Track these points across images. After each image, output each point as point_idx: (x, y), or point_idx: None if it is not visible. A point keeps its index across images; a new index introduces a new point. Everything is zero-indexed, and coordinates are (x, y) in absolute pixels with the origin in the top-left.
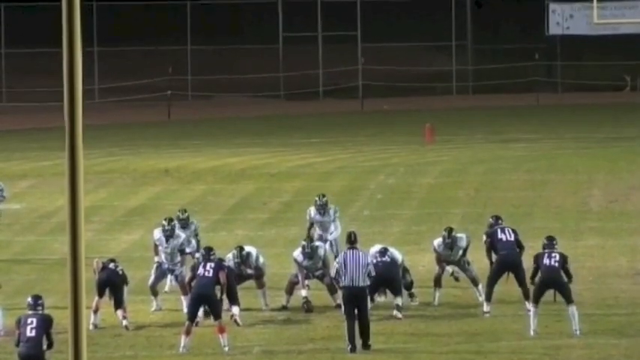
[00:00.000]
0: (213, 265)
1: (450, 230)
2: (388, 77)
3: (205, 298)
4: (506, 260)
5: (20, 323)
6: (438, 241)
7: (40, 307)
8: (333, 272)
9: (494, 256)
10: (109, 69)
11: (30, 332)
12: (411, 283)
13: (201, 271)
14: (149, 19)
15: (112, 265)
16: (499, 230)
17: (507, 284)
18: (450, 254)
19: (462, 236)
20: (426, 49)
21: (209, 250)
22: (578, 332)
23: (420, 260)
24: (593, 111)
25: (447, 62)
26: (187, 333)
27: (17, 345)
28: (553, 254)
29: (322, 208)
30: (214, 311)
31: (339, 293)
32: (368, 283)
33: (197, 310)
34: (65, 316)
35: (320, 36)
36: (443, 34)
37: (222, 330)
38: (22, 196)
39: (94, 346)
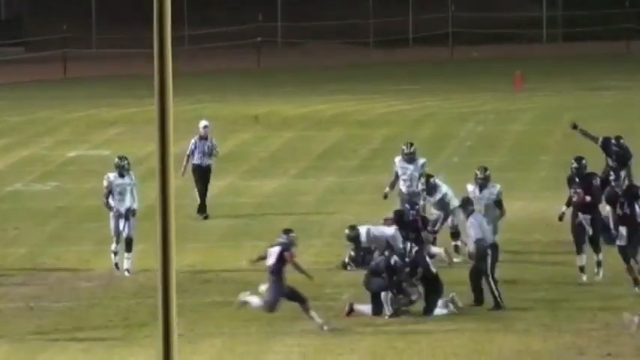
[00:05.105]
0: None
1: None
2: (478, 24)
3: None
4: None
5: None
6: None
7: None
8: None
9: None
10: (198, 15)
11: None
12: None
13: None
14: None
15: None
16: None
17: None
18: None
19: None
20: None
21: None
22: None
23: (511, 207)
24: None
25: (537, 9)
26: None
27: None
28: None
29: (410, 157)
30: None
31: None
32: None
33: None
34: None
35: None
36: None
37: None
38: (112, 143)
39: (184, 292)
